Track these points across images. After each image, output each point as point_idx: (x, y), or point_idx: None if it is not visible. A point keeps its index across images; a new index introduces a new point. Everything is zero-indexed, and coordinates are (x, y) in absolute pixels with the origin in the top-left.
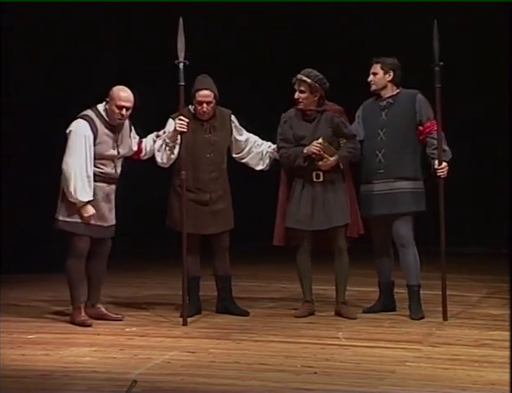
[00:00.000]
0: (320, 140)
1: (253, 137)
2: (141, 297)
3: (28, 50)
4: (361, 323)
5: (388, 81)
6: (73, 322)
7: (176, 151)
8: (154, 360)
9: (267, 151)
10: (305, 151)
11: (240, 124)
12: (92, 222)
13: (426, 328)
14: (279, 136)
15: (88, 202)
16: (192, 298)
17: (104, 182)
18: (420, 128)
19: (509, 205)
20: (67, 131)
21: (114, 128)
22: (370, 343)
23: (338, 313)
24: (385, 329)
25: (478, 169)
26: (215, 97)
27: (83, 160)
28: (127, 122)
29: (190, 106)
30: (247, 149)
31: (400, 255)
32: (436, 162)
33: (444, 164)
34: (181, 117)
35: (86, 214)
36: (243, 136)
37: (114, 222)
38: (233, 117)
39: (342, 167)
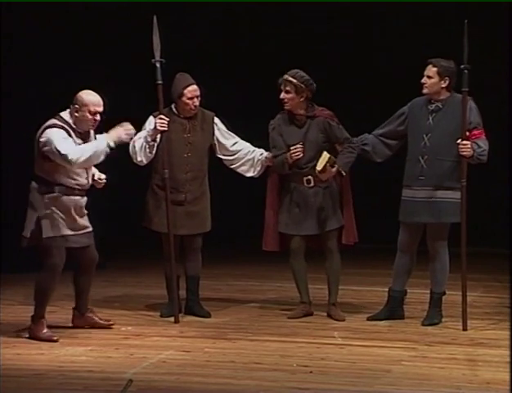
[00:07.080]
0: (324, 154)
1: (245, 145)
2: (136, 296)
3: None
4: (357, 323)
5: (443, 87)
6: (36, 338)
7: (154, 150)
8: (149, 359)
9: (259, 159)
10: (288, 159)
11: (228, 129)
12: (70, 232)
13: (422, 328)
14: (270, 143)
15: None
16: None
17: (79, 195)
18: (467, 133)
19: (509, 205)
20: (42, 140)
21: (82, 136)
22: (366, 342)
23: (328, 315)
24: (381, 328)
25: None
26: (201, 91)
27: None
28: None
29: (172, 106)
30: (237, 157)
31: (430, 261)
32: (459, 140)
33: (467, 141)
34: (162, 116)
35: (128, 131)
36: (229, 140)
37: (88, 229)
38: (217, 120)
39: (344, 174)
